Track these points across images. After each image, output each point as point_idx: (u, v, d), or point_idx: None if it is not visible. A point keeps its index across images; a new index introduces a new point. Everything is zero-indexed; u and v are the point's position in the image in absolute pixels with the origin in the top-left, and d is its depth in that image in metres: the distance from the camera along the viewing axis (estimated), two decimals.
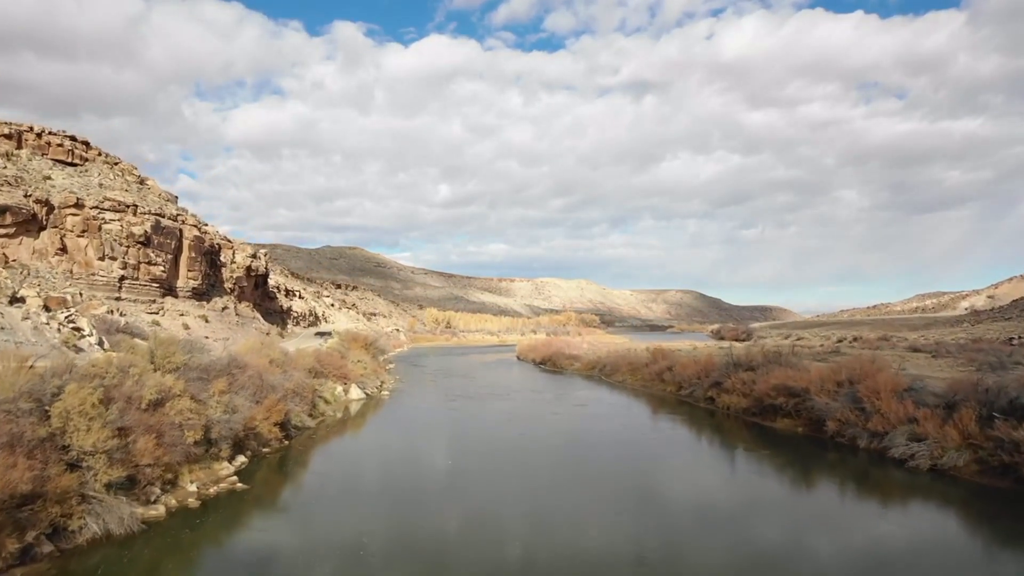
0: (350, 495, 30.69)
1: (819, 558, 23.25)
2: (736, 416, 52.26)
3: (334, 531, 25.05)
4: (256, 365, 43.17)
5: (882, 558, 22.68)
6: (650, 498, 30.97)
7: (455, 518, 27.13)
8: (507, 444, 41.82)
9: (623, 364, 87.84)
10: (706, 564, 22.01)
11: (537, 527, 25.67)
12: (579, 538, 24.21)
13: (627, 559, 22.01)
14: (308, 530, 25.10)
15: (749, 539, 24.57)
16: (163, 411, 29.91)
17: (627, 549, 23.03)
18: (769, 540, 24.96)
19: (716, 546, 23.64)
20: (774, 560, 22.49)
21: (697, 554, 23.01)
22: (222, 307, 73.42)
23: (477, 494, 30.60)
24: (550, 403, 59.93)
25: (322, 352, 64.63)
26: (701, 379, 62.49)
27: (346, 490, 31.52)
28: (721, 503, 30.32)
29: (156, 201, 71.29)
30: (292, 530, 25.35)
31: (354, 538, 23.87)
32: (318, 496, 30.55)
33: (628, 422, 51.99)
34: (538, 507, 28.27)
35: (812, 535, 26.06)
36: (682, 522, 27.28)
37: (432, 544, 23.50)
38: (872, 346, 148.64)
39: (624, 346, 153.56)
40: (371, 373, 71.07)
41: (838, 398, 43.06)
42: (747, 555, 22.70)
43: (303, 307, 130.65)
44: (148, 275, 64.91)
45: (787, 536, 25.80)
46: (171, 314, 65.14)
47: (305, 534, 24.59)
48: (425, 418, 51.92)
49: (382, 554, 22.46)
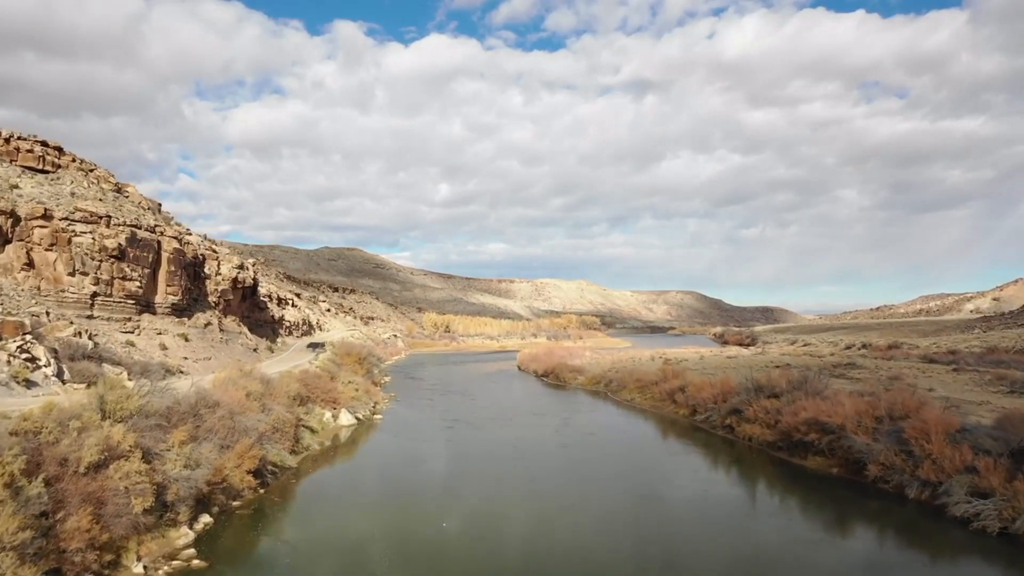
0: (325, 566, 26.15)
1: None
2: (759, 449, 47.79)
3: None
4: (230, 401, 38.67)
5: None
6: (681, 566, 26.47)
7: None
8: (513, 494, 37.26)
9: (630, 380, 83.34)
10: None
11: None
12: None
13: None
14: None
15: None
16: (107, 474, 25.44)
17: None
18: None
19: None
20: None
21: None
22: (204, 323, 68.90)
23: (478, 564, 26.11)
24: (556, 431, 55.44)
25: (310, 374, 60.16)
26: (718, 404, 57.97)
27: (320, 555, 26.95)
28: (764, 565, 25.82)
29: (133, 211, 66.74)
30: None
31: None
32: (290, 570, 26.02)
33: (644, 459, 47.51)
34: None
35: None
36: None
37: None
38: (884, 355, 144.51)
39: (628, 355, 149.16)
40: (363, 394, 66.58)
41: (880, 437, 38.59)
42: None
43: (296, 316, 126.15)
44: (123, 291, 60.39)
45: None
46: (148, 333, 60.63)
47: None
48: (418, 452, 47.38)
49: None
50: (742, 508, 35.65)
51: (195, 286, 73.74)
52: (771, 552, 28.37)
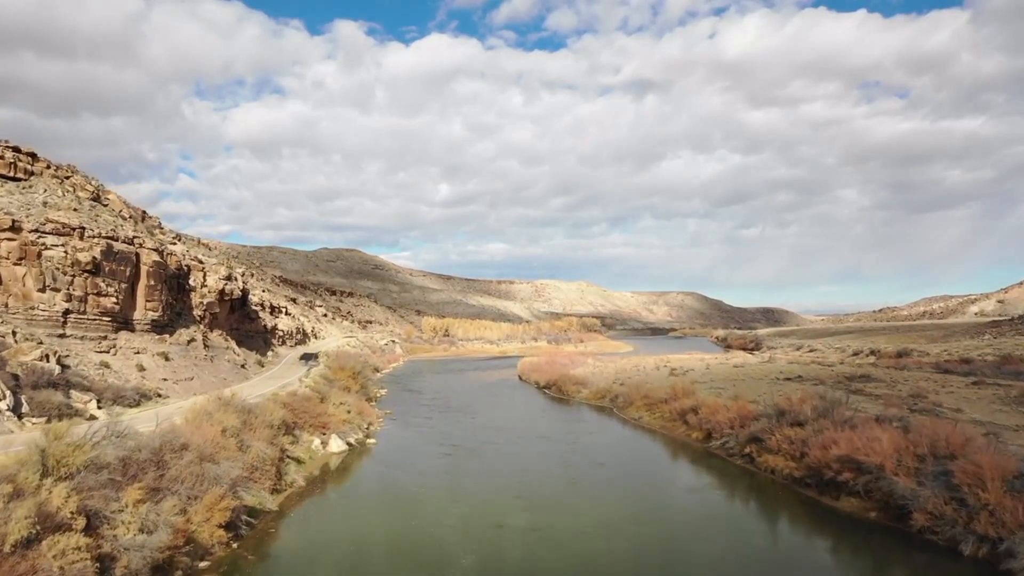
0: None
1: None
2: (783, 484, 43.90)
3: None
4: (202, 441, 34.75)
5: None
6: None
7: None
8: (518, 551, 33.37)
9: (637, 396, 79.43)
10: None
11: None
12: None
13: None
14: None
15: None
16: (38, 551, 21.55)
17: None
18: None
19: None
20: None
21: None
22: (188, 339, 64.95)
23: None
24: (564, 460, 51.56)
25: (298, 397, 56.27)
26: (735, 429, 54.09)
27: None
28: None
29: (110, 221, 62.77)
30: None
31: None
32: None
33: (661, 498, 43.64)
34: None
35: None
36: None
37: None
38: (895, 364, 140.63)
39: (632, 362, 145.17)
40: (355, 415, 62.66)
41: (925, 481, 34.69)
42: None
43: (290, 325, 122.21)
44: (98, 308, 56.43)
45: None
46: (125, 352, 56.72)
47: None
48: (411, 491, 43.44)
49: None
50: (778, 562, 31.80)
51: (179, 299, 69.84)
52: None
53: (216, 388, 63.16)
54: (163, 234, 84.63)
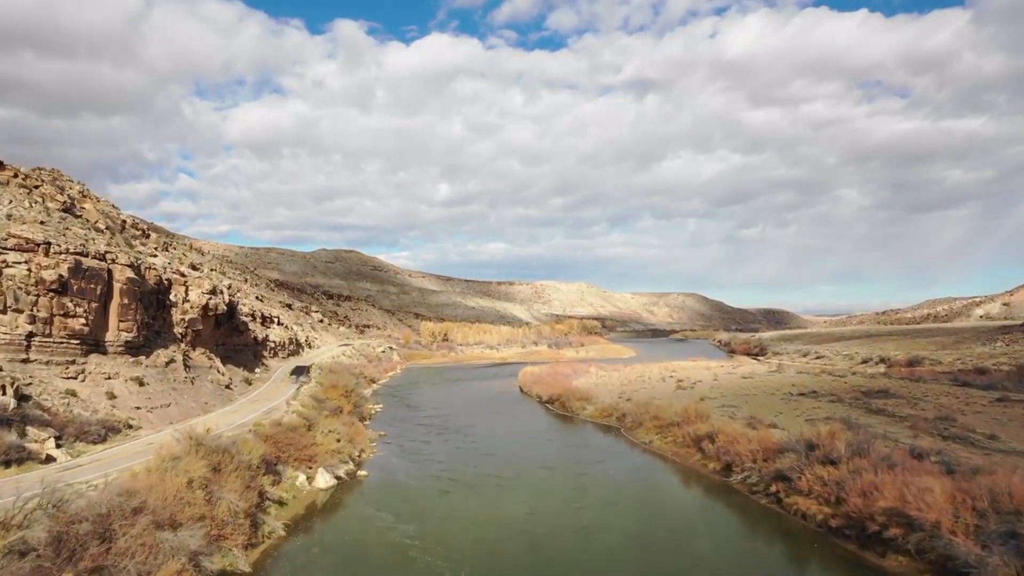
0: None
1: None
2: (817, 532, 39.51)
3: None
4: (163, 497, 30.31)
5: None
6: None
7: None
8: None
9: (646, 416, 75.04)
10: None
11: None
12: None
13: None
14: None
15: None
16: None
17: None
18: None
19: None
20: None
21: None
22: (166, 361, 60.48)
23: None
24: (573, 499, 47.25)
25: (282, 428, 51.82)
26: (758, 463, 49.68)
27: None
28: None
29: (80, 235, 58.25)
30: None
31: None
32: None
33: (681, 549, 39.24)
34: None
35: None
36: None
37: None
38: (908, 373, 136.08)
39: (636, 372, 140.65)
40: (347, 442, 58.29)
41: (991, 544, 30.29)
42: None
43: (282, 335, 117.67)
44: (65, 330, 51.97)
45: None
46: (95, 378, 52.28)
47: None
48: (403, 538, 39.06)
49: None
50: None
51: (158, 316, 65.33)
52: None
53: (196, 414, 58.77)
54: (144, 245, 79.97)
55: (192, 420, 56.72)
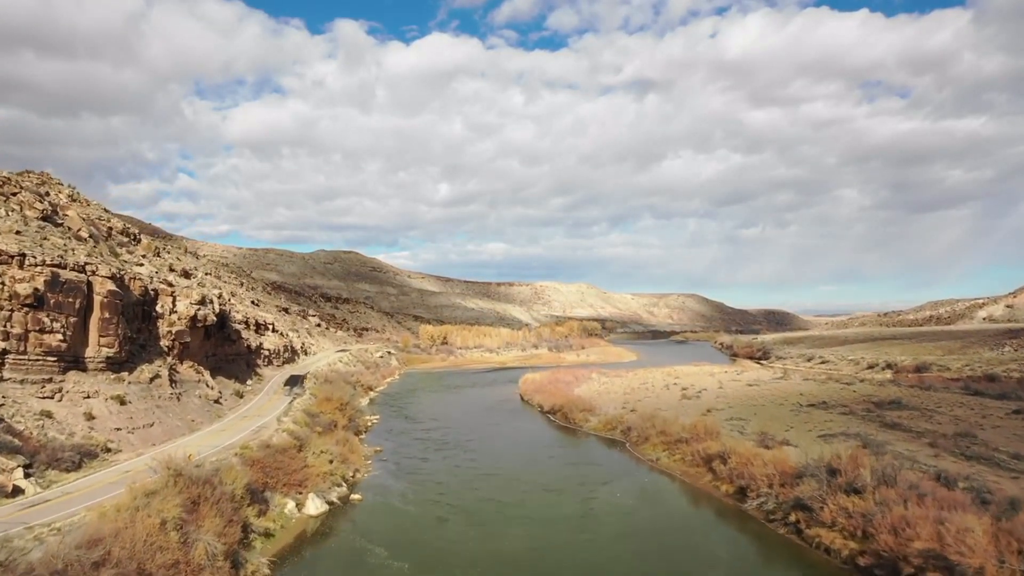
0: None
1: None
2: (843, 569, 36.76)
3: None
4: (131, 543, 27.50)
5: None
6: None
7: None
8: None
9: (652, 431, 72.26)
10: None
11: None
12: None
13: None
14: None
15: None
16: None
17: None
18: None
19: None
20: None
21: None
22: (151, 376, 57.64)
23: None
24: (577, 526, 44.55)
25: (271, 450, 48.97)
26: (775, 488, 46.89)
27: None
28: None
29: (59, 246, 55.36)
30: None
31: None
32: None
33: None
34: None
35: None
36: None
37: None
38: (917, 381, 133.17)
39: (639, 378, 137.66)
40: (340, 462, 55.48)
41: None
42: None
43: (276, 343, 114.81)
44: (41, 347, 49.14)
45: None
46: (73, 397, 49.44)
47: None
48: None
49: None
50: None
51: (144, 329, 62.52)
52: None
53: (181, 434, 55.94)
54: (131, 253, 76.87)
55: (177, 440, 53.92)
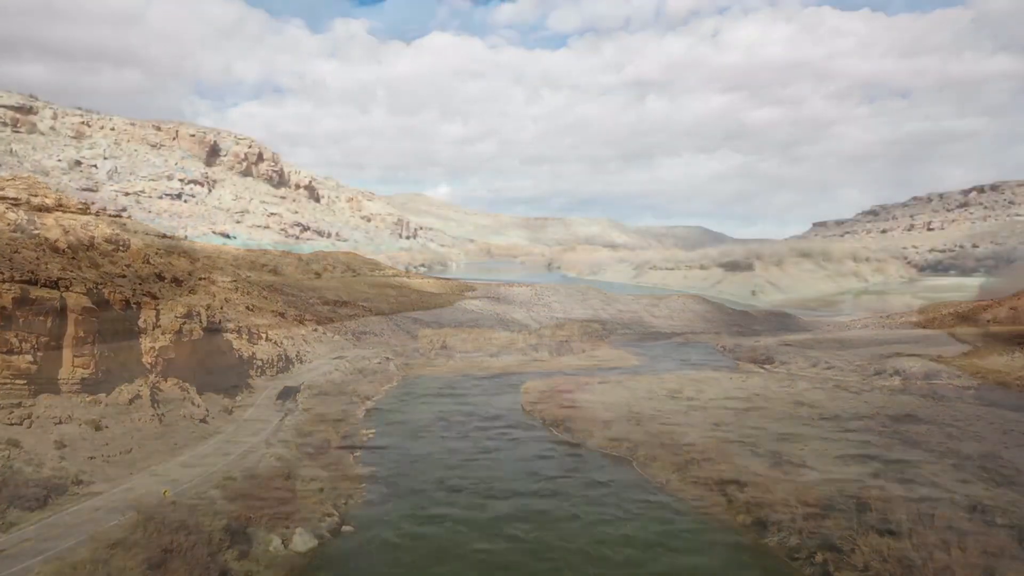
0: None
1: None
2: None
3: None
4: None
5: None
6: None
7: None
8: None
9: (660, 449, 69.18)
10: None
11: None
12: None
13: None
14: None
15: None
16: None
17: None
18: None
19: None
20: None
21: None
22: (130, 397, 54.45)
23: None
24: (585, 559, 41.28)
25: (255, 481, 45.77)
26: (796, 521, 43.71)
27: None
28: None
29: (30, 259, 52.17)
30: None
31: None
32: None
33: None
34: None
35: None
36: None
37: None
38: (927, 388, 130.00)
39: (643, 386, 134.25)
40: (331, 488, 52.25)
41: None
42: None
43: (270, 352, 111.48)
44: (9, 369, 46.00)
45: None
46: (43, 423, 46.21)
47: None
48: None
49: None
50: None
51: (125, 345, 59.34)
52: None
53: (163, 459, 52.62)
54: (113, 264, 73.60)
55: (158, 466, 50.67)
